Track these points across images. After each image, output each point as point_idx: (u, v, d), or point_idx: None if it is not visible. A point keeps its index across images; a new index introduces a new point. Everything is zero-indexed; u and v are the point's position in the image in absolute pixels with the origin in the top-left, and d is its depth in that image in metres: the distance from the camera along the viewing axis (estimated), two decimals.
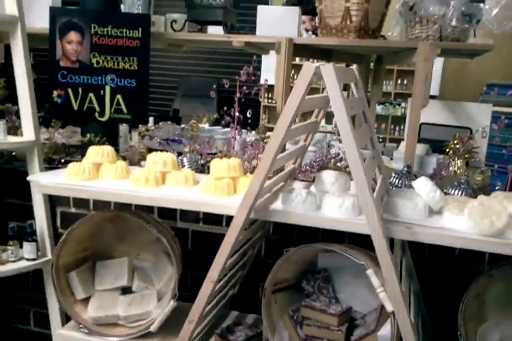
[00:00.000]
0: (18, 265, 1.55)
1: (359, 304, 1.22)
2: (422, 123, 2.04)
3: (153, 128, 2.10)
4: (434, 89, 5.96)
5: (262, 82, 1.79)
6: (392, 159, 1.99)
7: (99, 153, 1.29)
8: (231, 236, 1.04)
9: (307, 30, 3.14)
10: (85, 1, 1.73)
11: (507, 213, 0.98)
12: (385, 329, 1.05)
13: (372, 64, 2.47)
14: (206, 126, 2.37)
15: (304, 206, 1.06)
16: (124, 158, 1.48)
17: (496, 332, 1.16)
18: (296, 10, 2.06)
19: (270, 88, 3.41)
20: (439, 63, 5.93)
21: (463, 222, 1.00)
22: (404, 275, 1.20)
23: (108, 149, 1.31)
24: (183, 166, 1.46)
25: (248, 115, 1.74)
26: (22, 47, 1.55)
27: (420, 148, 1.81)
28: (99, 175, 1.27)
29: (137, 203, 1.19)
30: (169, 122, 2.18)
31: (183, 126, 2.26)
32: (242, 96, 1.67)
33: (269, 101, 5.26)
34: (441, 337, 1.28)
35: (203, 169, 1.52)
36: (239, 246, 1.17)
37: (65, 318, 1.65)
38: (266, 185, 1.07)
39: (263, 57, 3.04)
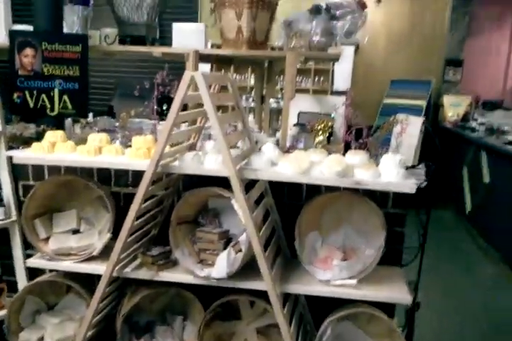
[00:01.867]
0: None
1: (236, 229, 1.84)
2: (300, 112, 2.71)
3: (92, 121, 2.65)
4: (346, 86, 6.74)
5: None
6: None
7: (54, 135, 1.84)
8: (143, 185, 1.63)
9: None
10: (37, 23, 2.27)
11: (309, 160, 1.63)
12: (242, 238, 1.67)
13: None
14: (136, 119, 2.93)
15: (193, 162, 1.67)
16: None
17: (320, 238, 1.82)
18: (202, 26, 2.68)
19: None
20: (348, 64, 6.73)
21: (287, 166, 1.64)
22: (261, 209, 1.81)
23: (60, 133, 1.86)
24: None
25: (164, 108, 2.32)
26: None
27: (294, 130, 2.47)
28: (54, 151, 1.82)
29: (82, 166, 1.76)
30: (105, 117, 2.72)
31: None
32: (163, 94, 2.26)
33: None
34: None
35: None
36: (150, 194, 1.74)
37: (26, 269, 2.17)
38: (167, 151, 1.67)
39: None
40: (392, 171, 1.64)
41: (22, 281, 2.14)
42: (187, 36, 2.69)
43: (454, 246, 5.30)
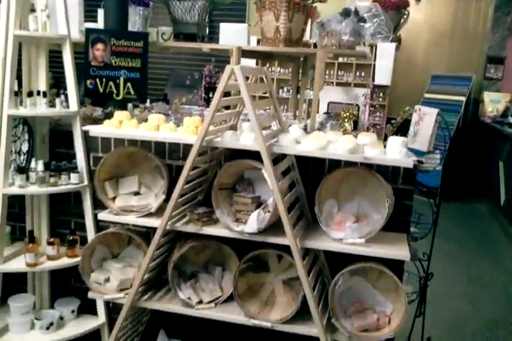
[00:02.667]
0: (68, 186, 2.54)
1: (266, 196, 2.22)
2: (330, 102, 3.05)
3: (149, 106, 3.09)
4: (387, 80, 6.98)
5: None
6: None
7: (121, 115, 2.28)
8: (191, 156, 2.02)
9: None
10: (107, 22, 2.72)
11: (326, 139, 1.98)
12: (270, 201, 2.05)
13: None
14: (186, 106, 3.36)
15: (231, 138, 2.06)
16: None
17: (336, 205, 2.18)
18: (245, 27, 3.06)
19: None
20: (389, 60, 6.95)
21: (308, 143, 2.00)
22: (287, 179, 2.18)
23: (126, 113, 2.30)
24: None
25: (211, 95, 2.72)
26: (70, 55, 2.53)
27: (322, 117, 2.82)
28: (121, 127, 2.26)
29: (143, 139, 2.18)
30: (160, 102, 3.16)
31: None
32: (210, 84, 2.66)
33: None
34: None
35: None
36: (196, 164, 2.14)
37: (95, 225, 2.64)
38: (211, 129, 2.06)
39: None
40: (396, 150, 1.97)
41: (91, 236, 2.61)
42: (232, 35, 3.09)
43: (485, 235, 5.48)
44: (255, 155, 2.05)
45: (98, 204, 2.62)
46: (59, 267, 2.53)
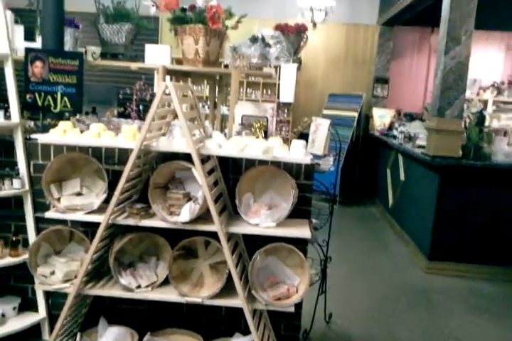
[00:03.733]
0: (12, 191, 2.77)
1: (195, 193, 2.64)
2: (243, 115, 3.56)
3: (80, 118, 3.39)
4: (290, 97, 7.71)
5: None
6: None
7: (65, 125, 2.59)
8: (131, 158, 2.40)
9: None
10: (44, 42, 3.02)
11: (244, 142, 2.47)
12: (200, 194, 2.48)
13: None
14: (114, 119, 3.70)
15: (165, 143, 2.47)
16: None
17: (252, 198, 2.66)
18: (168, 48, 3.49)
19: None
20: (291, 80, 7.69)
21: (229, 146, 2.47)
22: (212, 177, 2.62)
23: (69, 123, 2.61)
24: None
25: (141, 108, 3.11)
26: (12, 71, 2.79)
27: (237, 127, 3.31)
28: (65, 135, 2.57)
29: (87, 145, 2.52)
30: (90, 115, 3.47)
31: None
32: (137, 99, 3.05)
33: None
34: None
35: None
36: (134, 166, 2.52)
37: (36, 226, 2.89)
38: (147, 136, 2.45)
39: None
40: (298, 151, 2.50)
41: (32, 236, 2.85)
42: (156, 55, 3.51)
43: (376, 231, 6.30)
44: (184, 158, 2.47)
45: (37, 208, 2.88)
46: (3, 265, 2.74)
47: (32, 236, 2.86)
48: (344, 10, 7.91)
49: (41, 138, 2.52)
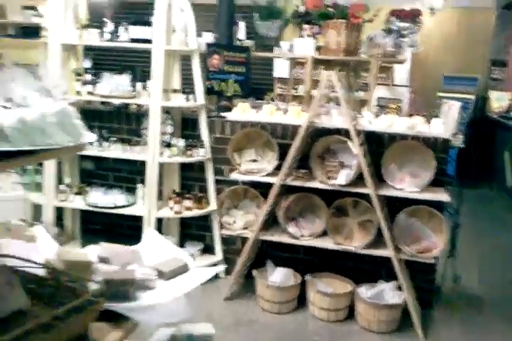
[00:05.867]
0: (199, 158, 3.52)
1: (348, 161, 3.19)
2: (379, 97, 4.05)
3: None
4: (404, 81, 7.97)
5: None
6: None
7: (243, 105, 3.26)
8: (301, 132, 3.01)
9: (308, 36, 5.12)
10: (220, 39, 3.73)
11: (391, 120, 2.97)
12: (354, 162, 3.03)
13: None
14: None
15: (326, 120, 3.04)
16: None
17: (396, 168, 3.16)
18: (312, 41, 4.06)
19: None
20: (406, 64, 7.92)
21: (379, 123, 2.98)
22: (362, 148, 3.16)
23: (247, 104, 3.28)
24: None
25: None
26: (198, 63, 3.52)
27: (375, 109, 3.81)
28: (244, 113, 3.24)
29: (263, 122, 3.18)
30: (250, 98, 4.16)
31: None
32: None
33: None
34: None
35: None
36: (302, 138, 3.12)
37: (215, 189, 3.62)
38: (311, 114, 3.04)
39: None
40: (438, 127, 2.96)
41: (211, 195, 3.59)
42: (303, 46, 4.09)
43: (495, 213, 6.48)
44: (337, 133, 3.04)
45: (216, 172, 3.61)
46: (194, 215, 3.51)
47: (211, 194, 3.60)
48: None
49: (229, 115, 3.22)
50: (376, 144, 3.35)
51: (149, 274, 1.28)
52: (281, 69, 7.07)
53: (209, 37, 4.04)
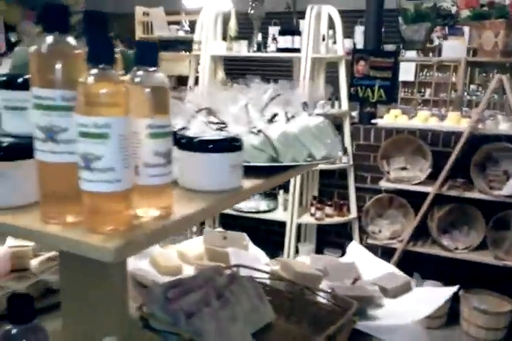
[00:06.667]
0: (341, 165, 3.47)
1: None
2: None
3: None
4: None
5: None
6: None
7: (395, 112, 3.16)
8: (462, 140, 2.84)
9: (438, 37, 4.85)
10: (366, 44, 3.65)
11: None
12: None
13: None
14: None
15: (491, 125, 2.84)
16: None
17: None
18: (464, 43, 3.82)
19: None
20: None
21: None
22: None
23: (398, 110, 3.17)
24: None
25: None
26: (344, 69, 3.47)
27: None
28: (396, 120, 3.13)
29: (419, 128, 3.05)
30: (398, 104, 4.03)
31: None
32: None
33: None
34: None
35: None
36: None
37: (355, 195, 3.55)
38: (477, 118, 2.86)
39: None
40: None
41: (352, 202, 3.52)
42: (454, 48, 3.87)
43: None
44: (497, 140, 2.83)
45: (357, 179, 3.54)
46: (335, 222, 3.46)
47: (352, 201, 3.53)
48: None
49: (380, 122, 3.13)
50: None
51: (377, 291, 1.25)
52: (405, 72, 6.83)
53: (349, 43, 3.98)
